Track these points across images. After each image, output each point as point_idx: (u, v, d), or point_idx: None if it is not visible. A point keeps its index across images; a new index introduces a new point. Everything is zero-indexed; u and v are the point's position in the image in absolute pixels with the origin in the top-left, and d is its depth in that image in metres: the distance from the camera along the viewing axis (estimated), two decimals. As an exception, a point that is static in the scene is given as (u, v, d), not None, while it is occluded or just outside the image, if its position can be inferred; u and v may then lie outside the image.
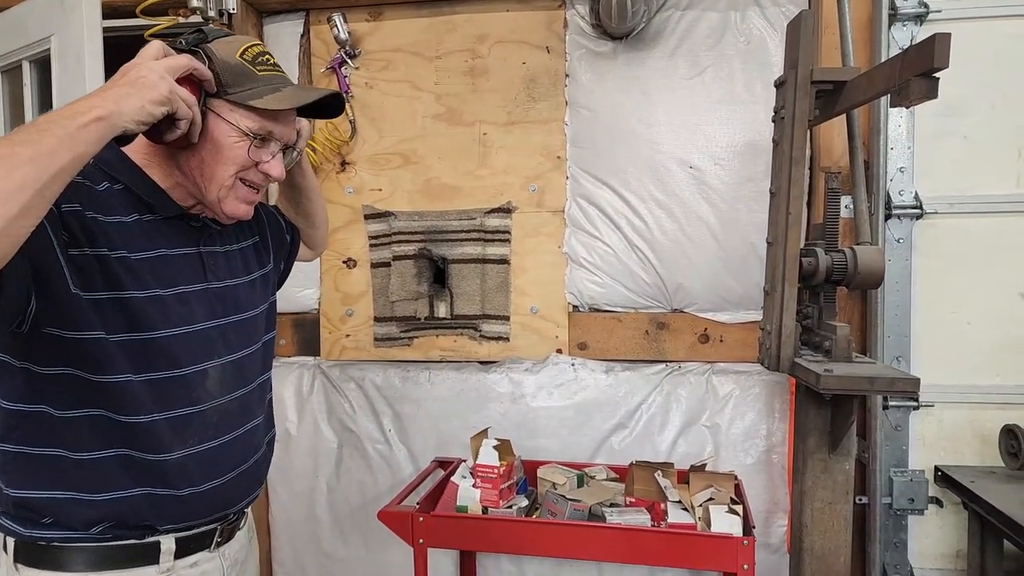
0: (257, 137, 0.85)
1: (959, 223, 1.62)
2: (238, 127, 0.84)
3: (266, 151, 0.88)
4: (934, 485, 1.63)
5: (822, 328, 1.34)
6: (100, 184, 0.82)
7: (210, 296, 0.91)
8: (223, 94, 0.83)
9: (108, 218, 0.81)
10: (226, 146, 0.85)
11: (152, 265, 0.84)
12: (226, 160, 0.85)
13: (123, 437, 0.83)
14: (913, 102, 1.06)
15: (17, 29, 1.72)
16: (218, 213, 0.89)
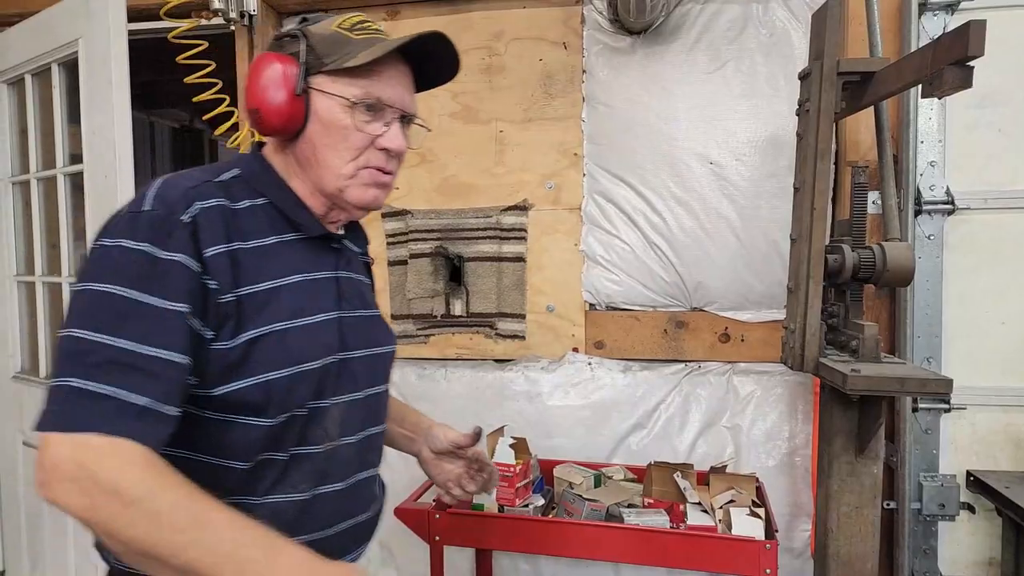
0: (364, 105, 0.77)
1: (993, 219, 1.56)
2: (341, 97, 0.76)
3: (379, 122, 0.78)
4: (966, 490, 1.57)
5: (848, 327, 1.30)
6: (240, 201, 0.76)
7: (343, 325, 0.82)
8: (320, 67, 0.76)
9: (247, 243, 0.74)
10: (333, 123, 0.77)
11: (292, 292, 0.77)
12: (337, 140, 0.77)
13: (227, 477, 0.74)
14: (946, 92, 1.02)
15: (46, 32, 1.77)
16: (346, 207, 0.81)
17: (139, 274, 0.66)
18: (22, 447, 1.95)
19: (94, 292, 0.65)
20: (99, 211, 1.63)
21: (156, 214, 0.68)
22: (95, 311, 0.64)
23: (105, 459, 0.60)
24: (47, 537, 1.89)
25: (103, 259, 0.67)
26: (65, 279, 1.80)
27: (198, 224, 0.70)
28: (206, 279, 0.69)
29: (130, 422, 0.62)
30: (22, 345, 1.99)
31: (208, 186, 0.74)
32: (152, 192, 0.70)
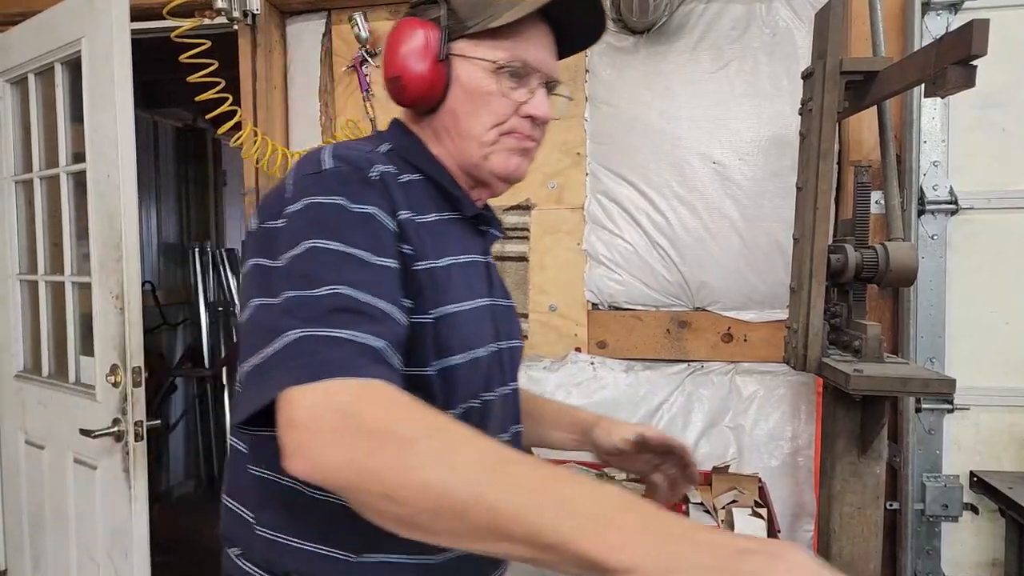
0: (509, 70, 0.72)
1: (997, 219, 1.55)
2: (485, 61, 0.72)
3: (524, 89, 0.74)
4: (969, 491, 1.56)
5: (851, 327, 1.29)
6: (403, 175, 0.71)
7: (494, 313, 0.78)
8: (463, 31, 0.72)
9: (419, 217, 0.69)
10: (477, 89, 0.73)
11: (459, 274, 0.73)
12: (480, 107, 0.73)
13: None
14: (949, 92, 1.02)
15: (49, 32, 1.77)
16: (489, 180, 0.77)
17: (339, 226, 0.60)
18: (24, 445, 1.95)
19: (297, 255, 0.59)
20: (101, 210, 1.64)
21: (342, 170, 0.65)
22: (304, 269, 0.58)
23: (366, 402, 0.49)
24: (49, 536, 1.89)
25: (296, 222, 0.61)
26: (68, 278, 1.80)
27: (386, 183, 0.66)
28: (401, 244, 0.65)
29: (376, 365, 0.53)
30: (24, 344, 1.99)
31: (377, 154, 0.71)
32: (326, 155, 0.66)
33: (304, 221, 0.61)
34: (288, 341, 0.53)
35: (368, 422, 0.47)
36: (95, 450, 1.67)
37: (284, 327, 0.54)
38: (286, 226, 0.62)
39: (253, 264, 0.64)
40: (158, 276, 3.48)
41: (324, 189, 0.63)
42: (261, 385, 0.53)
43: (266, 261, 0.62)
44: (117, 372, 1.60)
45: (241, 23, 1.82)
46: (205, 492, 3.62)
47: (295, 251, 0.59)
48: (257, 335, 0.57)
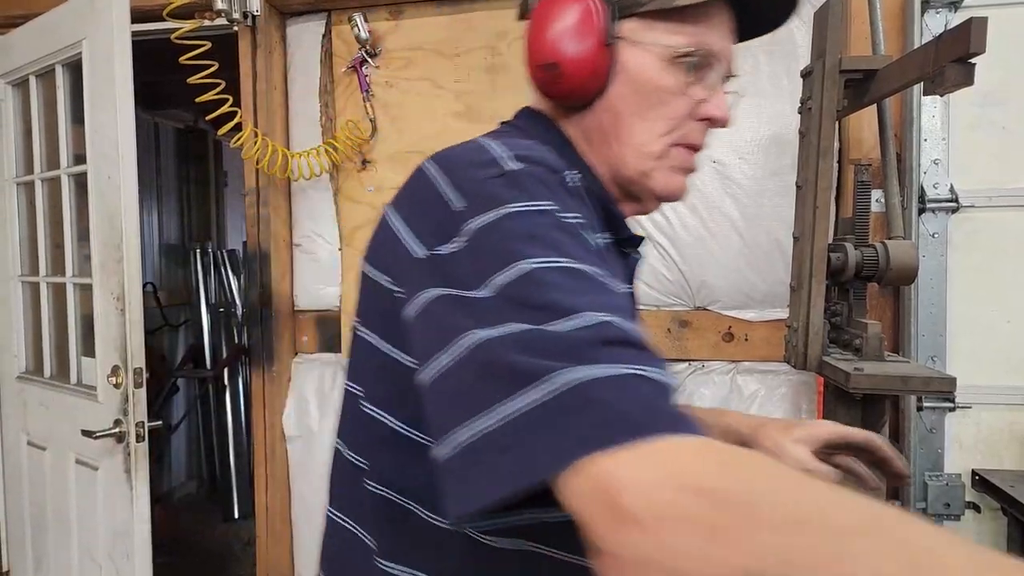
0: (690, 60, 0.58)
1: (998, 217, 1.55)
2: (661, 47, 0.57)
3: (701, 84, 0.59)
4: (971, 490, 1.56)
5: (852, 326, 1.29)
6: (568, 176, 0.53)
7: None
8: (634, 8, 0.57)
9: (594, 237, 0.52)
10: (648, 83, 0.58)
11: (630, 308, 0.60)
12: (649, 107, 0.58)
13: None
14: (948, 90, 1.02)
15: (50, 34, 1.78)
16: (645, 198, 0.64)
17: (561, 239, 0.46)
18: (26, 447, 1.96)
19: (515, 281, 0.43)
20: (102, 211, 1.64)
21: (536, 171, 0.50)
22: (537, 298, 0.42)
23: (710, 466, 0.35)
24: (51, 537, 1.90)
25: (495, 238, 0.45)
26: (69, 279, 1.81)
27: (582, 193, 0.53)
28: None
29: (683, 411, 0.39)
30: (26, 345, 2.00)
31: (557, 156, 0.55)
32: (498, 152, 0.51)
33: (509, 236, 0.45)
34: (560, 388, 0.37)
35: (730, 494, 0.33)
36: (97, 451, 1.67)
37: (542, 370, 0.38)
38: (476, 245, 0.46)
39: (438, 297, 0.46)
40: (159, 277, 3.49)
41: (523, 194, 0.47)
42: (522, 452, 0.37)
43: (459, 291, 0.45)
44: (118, 373, 1.61)
45: (241, 24, 1.82)
46: (207, 493, 3.63)
47: (508, 275, 0.43)
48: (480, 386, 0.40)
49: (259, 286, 1.88)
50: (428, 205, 0.51)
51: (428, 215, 0.51)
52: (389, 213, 0.57)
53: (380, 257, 0.57)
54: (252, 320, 1.92)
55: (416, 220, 0.52)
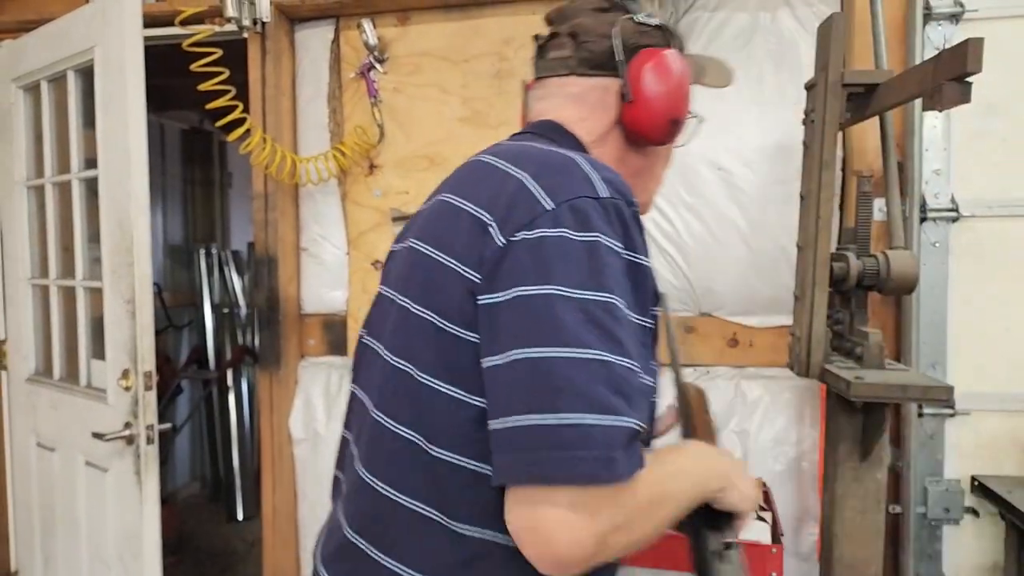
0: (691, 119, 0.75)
1: (998, 226, 1.57)
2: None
3: None
4: (970, 495, 1.58)
5: (853, 334, 1.31)
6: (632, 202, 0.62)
7: None
8: None
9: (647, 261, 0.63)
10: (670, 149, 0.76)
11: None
12: (668, 161, 0.77)
13: None
14: (945, 106, 1.04)
15: (62, 40, 1.79)
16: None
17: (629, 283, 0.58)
18: (35, 448, 1.97)
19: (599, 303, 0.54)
20: (113, 216, 1.66)
21: (619, 205, 0.59)
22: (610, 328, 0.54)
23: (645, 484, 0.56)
24: (60, 538, 1.92)
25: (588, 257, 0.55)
26: (79, 282, 1.82)
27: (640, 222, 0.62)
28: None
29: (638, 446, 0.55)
30: (36, 347, 2.02)
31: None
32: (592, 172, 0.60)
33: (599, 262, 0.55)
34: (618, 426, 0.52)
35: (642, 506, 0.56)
36: (106, 453, 1.69)
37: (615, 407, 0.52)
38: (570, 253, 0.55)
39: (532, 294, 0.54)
40: (164, 278, 3.50)
41: (609, 228, 0.57)
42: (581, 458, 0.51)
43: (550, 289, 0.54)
44: (128, 376, 1.63)
45: (250, 31, 1.84)
46: (210, 494, 3.65)
47: (599, 297, 0.54)
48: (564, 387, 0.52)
49: (266, 289, 1.90)
50: (510, 199, 0.59)
51: (512, 208, 0.58)
52: (457, 202, 0.64)
53: (447, 242, 0.62)
54: (259, 323, 1.94)
55: (497, 210, 0.59)
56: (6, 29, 2.04)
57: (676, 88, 0.70)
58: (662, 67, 0.70)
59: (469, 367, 0.58)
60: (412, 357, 0.63)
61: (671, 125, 0.72)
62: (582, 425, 0.51)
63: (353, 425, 0.74)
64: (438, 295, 0.61)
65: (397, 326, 0.65)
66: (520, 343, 0.53)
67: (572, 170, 0.60)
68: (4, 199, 2.05)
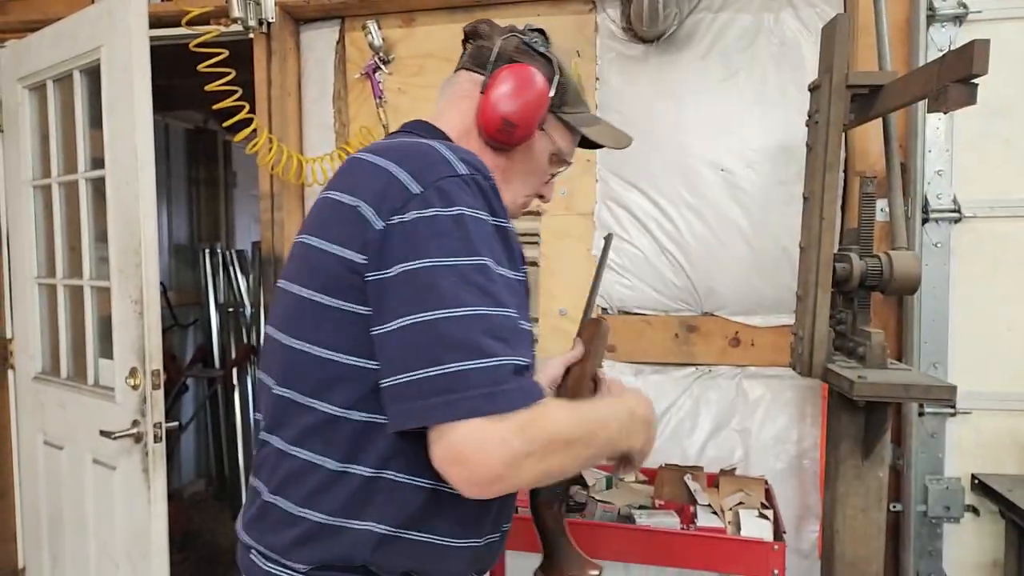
0: (561, 160, 0.86)
1: (999, 227, 1.58)
2: (556, 146, 0.84)
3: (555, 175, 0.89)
4: (971, 493, 1.60)
5: (856, 334, 1.32)
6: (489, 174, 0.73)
7: None
8: (559, 110, 0.82)
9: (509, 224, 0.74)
10: (535, 162, 0.83)
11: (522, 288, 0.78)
12: (532, 174, 0.84)
13: None
14: (951, 108, 1.04)
15: (68, 40, 1.80)
16: None
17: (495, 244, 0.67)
18: (43, 447, 1.99)
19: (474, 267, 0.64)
20: (120, 216, 1.67)
21: (479, 179, 0.69)
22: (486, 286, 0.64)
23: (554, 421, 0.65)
24: (67, 535, 1.93)
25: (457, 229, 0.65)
26: (86, 282, 1.83)
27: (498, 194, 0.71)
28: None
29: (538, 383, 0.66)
30: (43, 346, 2.03)
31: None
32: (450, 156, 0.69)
33: (466, 231, 0.65)
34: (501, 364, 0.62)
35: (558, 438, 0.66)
36: (114, 451, 1.71)
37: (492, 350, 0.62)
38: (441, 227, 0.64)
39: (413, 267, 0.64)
40: (169, 277, 3.52)
41: (473, 200, 0.67)
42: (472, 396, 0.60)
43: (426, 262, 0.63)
44: (136, 374, 1.64)
45: (256, 31, 1.85)
46: (215, 492, 3.66)
47: (471, 261, 0.64)
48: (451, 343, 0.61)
49: (273, 288, 1.92)
50: (384, 188, 0.68)
51: (385, 196, 0.67)
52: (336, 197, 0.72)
53: (333, 232, 0.71)
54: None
55: (374, 199, 0.68)
56: (11, 29, 2.05)
57: (520, 94, 0.77)
58: (517, 74, 0.78)
59: (357, 336, 0.68)
60: (305, 334, 0.72)
61: (503, 123, 0.77)
62: (461, 371, 0.60)
63: (261, 405, 0.82)
64: (324, 278, 0.70)
65: (291, 311, 0.74)
66: (406, 311, 0.63)
67: (432, 155, 0.69)
68: (11, 199, 2.06)
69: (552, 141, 0.83)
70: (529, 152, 0.82)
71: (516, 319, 0.66)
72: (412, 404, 0.62)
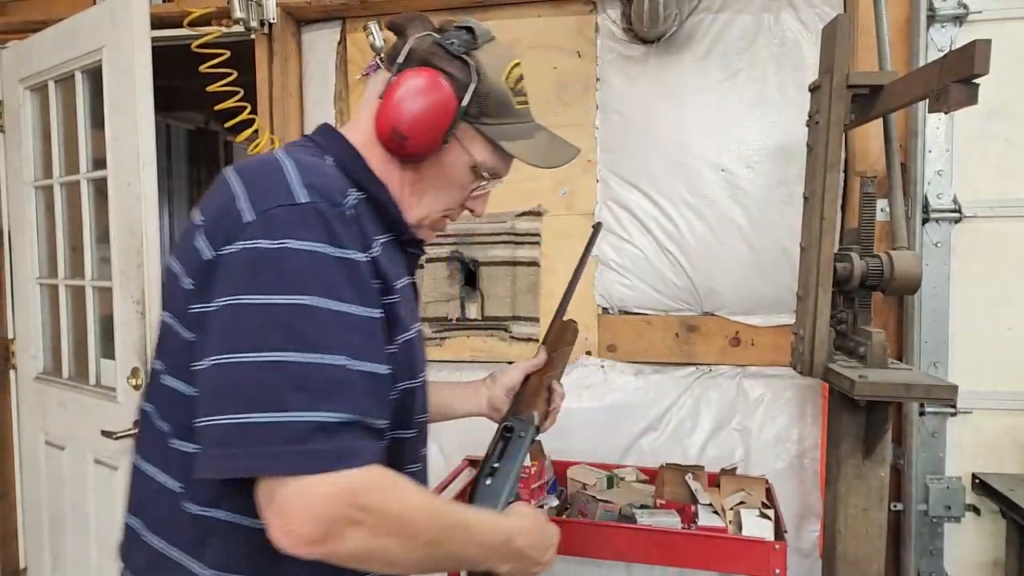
0: (486, 174, 0.77)
1: (999, 227, 1.59)
2: (475, 159, 0.75)
3: (480, 187, 0.79)
4: (971, 493, 1.60)
5: (856, 333, 1.33)
6: (349, 193, 0.67)
7: (420, 336, 0.79)
8: (475, 121, 0.73)
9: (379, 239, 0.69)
10: (452, 175, 0.75)
11: (405, 300, 0.72)
12: (447, 188, 0.76)
13: None
14: (952, 108, 1.04)
15: (70, 40, 1.80)
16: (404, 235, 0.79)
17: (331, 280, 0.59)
18: (44, 446, 1.99)
19: (288, 306, 0.57)
20: (122, 217, 1.67)
21: (320, 207, 0.61)
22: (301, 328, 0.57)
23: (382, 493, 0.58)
24: (69, 535, 1.93)
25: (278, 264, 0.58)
26: (88, 282, 1.84)
27: (359, 216, 0.65)
28: (376, 280, 0.65)
29: (372, 444, 0.59)
30: (45, 346, 2.03)
31: (337, 176, 0.69)
32: (295, 182, 0.62)
33: (291, 269, 0.58)
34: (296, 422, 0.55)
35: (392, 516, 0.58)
36: (116, 451, 1.71)
37: (288, 403, 0.55)
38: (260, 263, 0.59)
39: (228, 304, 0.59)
40: (169, 277, 3.52)
41: (306, 231, 0.59)
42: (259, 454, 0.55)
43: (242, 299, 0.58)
44: (138, 374, 1.64)
45: (258, 32, 1.85)
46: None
47: (287, 300, 0.57)
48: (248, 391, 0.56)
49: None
50: (222, 213, 0.63)
51: (221, 223, 0.63)
52: (196, 215, 0.69)
53: (182, 254, 0.68)
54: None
55: (211, 225, 0.64)
56: (13, 30, 2.05)
57: (412, 104, 0.70)
58: (414, 80, 0.70)
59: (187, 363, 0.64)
60: (162, 358, 0.70)
61: (392, 133, 0.71)
62: (247, 424, 0.55)
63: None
64: (174, 303, 0.67)
65: (160, 336, 0.72)
66: (215, 350, 0.58)
67: (274, 178, 0.63)
68: (13, 199, 2.07)
69: (469, 154, 0.74)
70: (439, 166, 0.74)
71: (338, 367, 0.58)
72: (207, 451, 0.57)
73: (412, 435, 0.75)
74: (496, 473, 0.85)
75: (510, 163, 0.79)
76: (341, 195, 0.64)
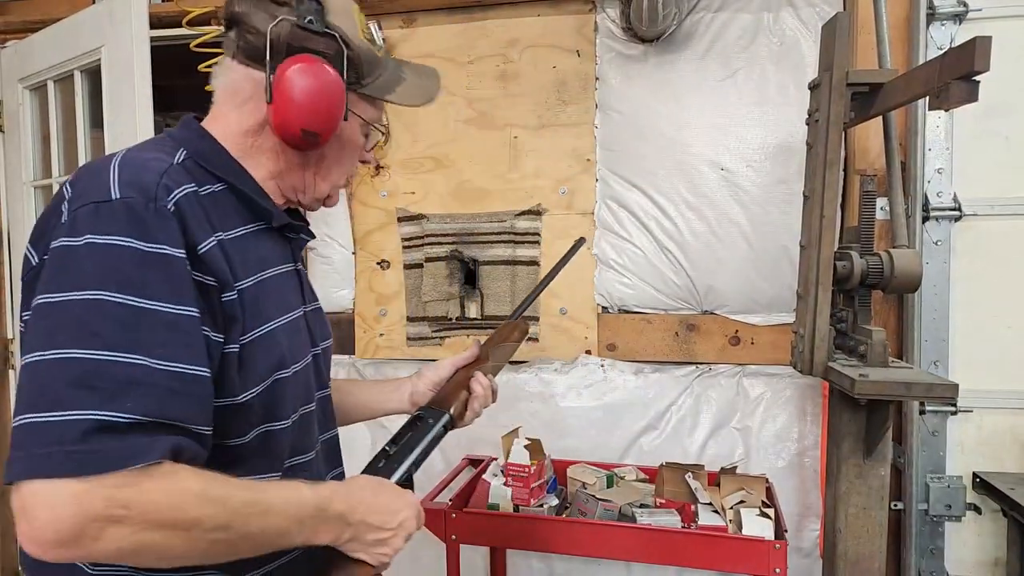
0: (375, 127, 0.79)
1: (999, 225, 1.58)
2: (363, 118, 0.76)
3: (368, 139, 0.80)
4: (972, 492, 1.60)
5: (857, 332, 1.32)
6: (204, 186, 0.67)
7: (308, 320, 0.80)
8: (357, 87, 0.74)
9: (227, 235, 0.67)
10: (350, 142, 0.77)
11: (273, 288, 0.72)
12: (349, 157, 0.78)
13: None
14: (952, 105, 1.04)
15: (69, 40, 1.80)
16: (312, 206, 0.81)
17: (133, 275, 0.57)
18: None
19: (83, 302, 0.56)
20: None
21: (131, 202, 0.60)
22: (94, 325, 0.55)
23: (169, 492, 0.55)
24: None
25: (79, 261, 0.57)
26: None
27: (183, 212, 0.62)
28: (205, 277, 0.62)
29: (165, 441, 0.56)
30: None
31: (175, 169, 0.65)
32: (114, 178, 0.61)
33: (90, 264, 0.57)
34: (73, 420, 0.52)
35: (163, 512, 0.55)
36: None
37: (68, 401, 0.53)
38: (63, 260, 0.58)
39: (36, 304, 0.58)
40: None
41: (112, 226, 0.58)
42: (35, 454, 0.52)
43: (45, 298, 0.57)
44: (138, 374, 1.64)
45: (257, 32, 1.85)
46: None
47: (79, 295, 0.56)
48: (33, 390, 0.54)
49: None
50: (48, 216, 0.63)
51: (45, 227, 0.63)
52: None
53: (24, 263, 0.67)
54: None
55: (37, 231, 0.64)
56: (12, 30, 2.05)
57: (314, 100, 0.68)
58: (303, 76, 0.68)
59: None
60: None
61: (303, 134, 0.70)
62: (25, 425, 0.53)
63: None
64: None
65: None
66: (23, 352, 0.58)
67: (98, 176, 0.61)
68: (12, 199, 2.07)
69: (360, 118, 0.76)
70: (339, 140, 0.75)
71: (136, 365, 0.55)
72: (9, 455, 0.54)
73: (286, 426, 0.72)
74: (390, 456, 0.81)
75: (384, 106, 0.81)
76: (165, 190, 0.62)
